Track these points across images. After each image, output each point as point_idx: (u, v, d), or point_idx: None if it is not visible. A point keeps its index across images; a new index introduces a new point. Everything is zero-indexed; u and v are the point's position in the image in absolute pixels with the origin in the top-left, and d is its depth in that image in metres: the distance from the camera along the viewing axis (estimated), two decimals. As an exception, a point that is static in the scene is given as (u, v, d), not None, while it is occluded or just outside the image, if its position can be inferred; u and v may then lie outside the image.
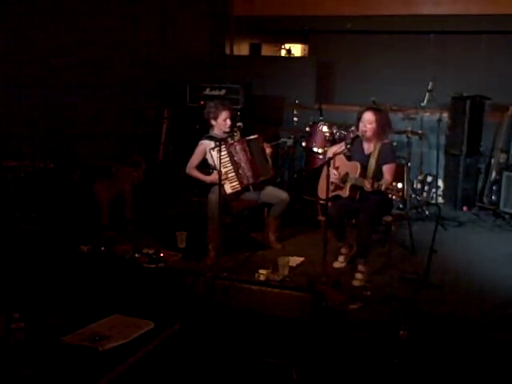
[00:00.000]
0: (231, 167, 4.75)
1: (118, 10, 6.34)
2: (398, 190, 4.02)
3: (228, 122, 4.86)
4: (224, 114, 4.84)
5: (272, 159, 5.04)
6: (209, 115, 4.91)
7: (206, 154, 4.84)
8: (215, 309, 3.35)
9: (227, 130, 4.84)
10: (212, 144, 4.67)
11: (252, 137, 4.91)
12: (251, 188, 4.88)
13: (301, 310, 3.26)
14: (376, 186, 4.19)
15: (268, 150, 4.95)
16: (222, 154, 4.66)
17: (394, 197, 4.10)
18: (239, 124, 4.86)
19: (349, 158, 4.59)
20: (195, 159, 4.91)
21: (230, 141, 4.79)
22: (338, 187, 4.54)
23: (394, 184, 4.08)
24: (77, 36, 5.85)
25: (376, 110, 4.56)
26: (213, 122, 4.91)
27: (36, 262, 4.19)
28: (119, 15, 6.37)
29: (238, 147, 4.79)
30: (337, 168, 4.56)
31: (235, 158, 4.76)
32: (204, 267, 4.55)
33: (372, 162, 4.48)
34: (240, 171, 4.78)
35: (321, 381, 2.95)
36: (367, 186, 4.23)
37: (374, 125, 4.46)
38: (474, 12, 6.95)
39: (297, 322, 3.20)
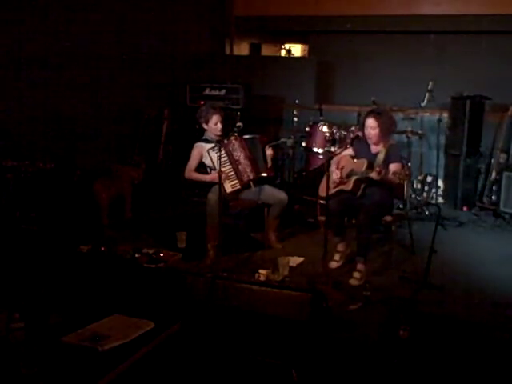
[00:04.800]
0: (230, 166, 4.74)
1: (118, 10, 6.34)
2: (406, 174, 4.14)
3: (219, 125, 4.84)
4: (215, 118, 4.83)
5: (272, 161, 5.01)
6: (200, 119, 4.91)
7: (202, 156, 4.85)
8: (215, 309, 3.35)
9: (219, 133, 4.83)
10: (208, 146, 4.68)
11: (250, 136, 4.90)
12: (252, 185, 4.86)
13: (301, 309, 3.25)
14: (383, 172, 4.21)
15: (269, 152, 4.92)
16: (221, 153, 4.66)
17: (401, 181, 4.17)
18: (239, 124, 4.82)
19: (354, 158, 4.62)
20: (193, 162, 4.90)
21: (225, 141, 4.77)
22: (340, 184, 4.56)
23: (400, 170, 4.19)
24: (77, 36, 5.85)
25: (377, 113, 4.54)
26: (205, 126, 4.91)
27: (36, 262, 4.19)
28: (119, 15, 6.38)
29: (236, 145, 4.78)
30: (342, 168, 4.57)
31: (234, 156, 4.76)
32: (204, 267, 4.55)
33: (380, 158, 4.50)
34: (240, 168, 4.77)
35: (321, 381, 2.95)
36: (375, 175, 4.24)
37: (377, 130, 4.49)
38: (474, 12, 6.96)
39: (297, 322, 3.19)
